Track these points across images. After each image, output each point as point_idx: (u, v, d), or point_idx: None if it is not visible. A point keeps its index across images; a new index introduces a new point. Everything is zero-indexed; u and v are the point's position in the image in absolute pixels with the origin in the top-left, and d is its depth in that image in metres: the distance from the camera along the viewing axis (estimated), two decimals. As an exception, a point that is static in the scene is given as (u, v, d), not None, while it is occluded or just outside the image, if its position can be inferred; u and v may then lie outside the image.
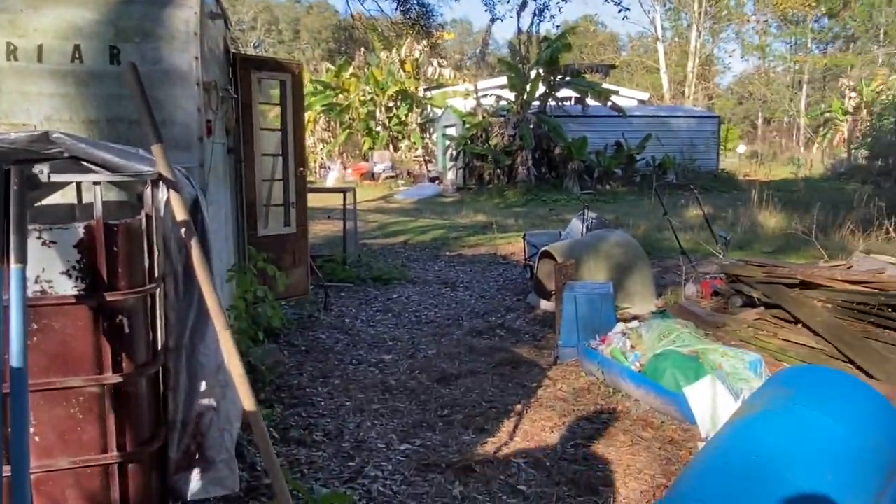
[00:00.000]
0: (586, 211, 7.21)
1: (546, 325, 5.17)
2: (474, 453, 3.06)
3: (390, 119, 24.09)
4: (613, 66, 17.34)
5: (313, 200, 6.16)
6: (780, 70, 45.84)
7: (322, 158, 25.17)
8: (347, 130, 24.68)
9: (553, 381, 3.94)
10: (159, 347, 2.03)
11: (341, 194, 7.82)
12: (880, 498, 2.29)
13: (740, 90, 48.09)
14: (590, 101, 17.85)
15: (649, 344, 3.70)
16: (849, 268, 4.76)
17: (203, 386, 2.06)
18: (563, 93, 17.71)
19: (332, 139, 25.63)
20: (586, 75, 17.50)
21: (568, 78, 17.20)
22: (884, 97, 22.81)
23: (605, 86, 18.01)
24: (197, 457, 2.07)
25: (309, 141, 23.93)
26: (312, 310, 5.54)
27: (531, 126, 17.01)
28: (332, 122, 25.57)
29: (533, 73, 17.14)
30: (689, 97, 30.52)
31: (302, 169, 4.83)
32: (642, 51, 43.27)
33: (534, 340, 4.86)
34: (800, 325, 4.24)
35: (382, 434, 3.28)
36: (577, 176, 17.16)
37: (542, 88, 17.35)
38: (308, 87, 23.79)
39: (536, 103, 17.48)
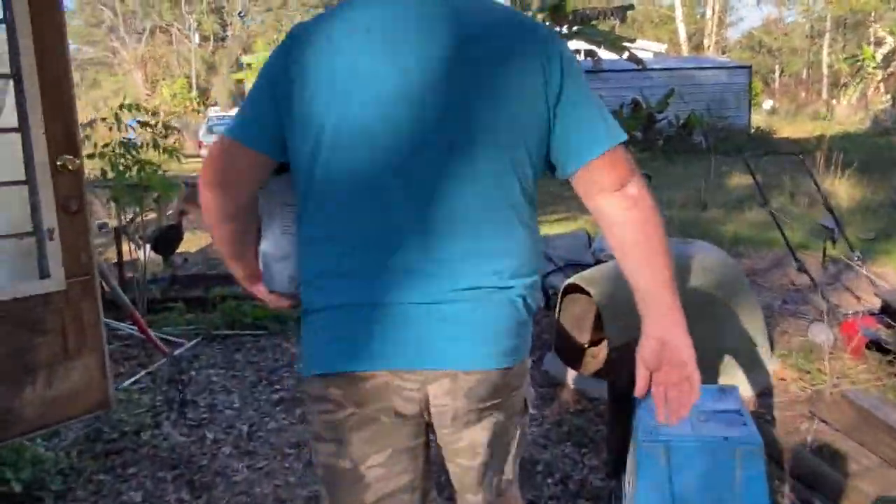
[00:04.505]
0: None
1: (580, 444, 2.67)
2: None
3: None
4: (631, 7, 14.51)
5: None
6: (790, 21, 42.57)
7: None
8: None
9: None
10: None
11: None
12: None
13: (749, 42, 44.86)
14: (601, 53, 15.11)
15: None
16: None
17: None
18: (573, 45, 14.96)
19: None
20: (596, 22, 14.71)
21: (577, 27, 14.42)
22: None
23: (622, 34, 15.25)
24: None
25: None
26: (140, 420, 2.97)
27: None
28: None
29: (535, 21, 14.33)
30: (708, 48, 27.55)
31: (71, 158, 2.31)
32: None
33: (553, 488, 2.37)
34: None
35: None
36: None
37: (546, 39, 14.53)
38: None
39: (540, 57, 14.69)
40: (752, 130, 18.06)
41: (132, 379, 3.48)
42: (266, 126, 1.17)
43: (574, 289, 3.35)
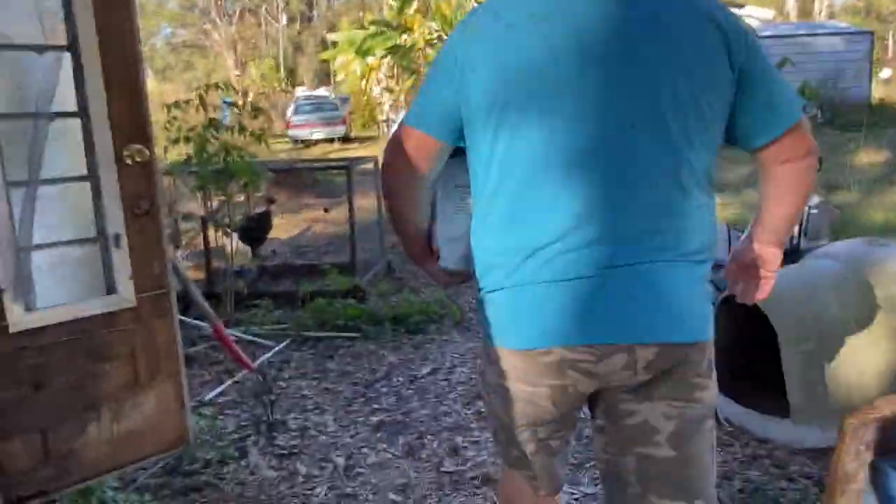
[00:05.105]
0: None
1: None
2: None
3: (462, 60, 20.58)
4: (741, -29, 13.31)
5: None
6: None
7: (387, 112, 22.09)
8: (413, 76, 21.33)
9: None
10: None
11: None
12: None
13: (856, 6, 41.22)
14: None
15: None
16: None
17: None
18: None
19: (397, 87, 22.38)
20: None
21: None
22: None
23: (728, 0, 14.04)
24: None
25: (375, 91, 21.13)
26: (224, 449, 2.60)
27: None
28: (396, 67, 22.32)
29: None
30: (819, 13, 25.40)
31: (140, 148, 1.91)
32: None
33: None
34: None
35: None
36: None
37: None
38: (369, 30, 20.63)
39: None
40: (875, 102, 16.43)
41: (217, 390, 3.13)
42: (445, 113, 1.21)
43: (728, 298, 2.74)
